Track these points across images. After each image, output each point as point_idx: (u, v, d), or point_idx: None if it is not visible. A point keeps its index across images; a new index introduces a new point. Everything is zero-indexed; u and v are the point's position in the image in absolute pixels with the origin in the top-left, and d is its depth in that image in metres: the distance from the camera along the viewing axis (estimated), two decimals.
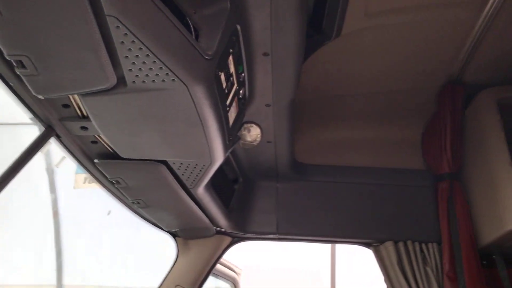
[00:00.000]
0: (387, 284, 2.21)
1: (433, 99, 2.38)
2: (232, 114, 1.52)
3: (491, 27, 1.83)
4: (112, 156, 1.62)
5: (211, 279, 2.56)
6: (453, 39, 1.93)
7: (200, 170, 1.65)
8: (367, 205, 2.40)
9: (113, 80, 1.12)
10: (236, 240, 2.47)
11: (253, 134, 1.98)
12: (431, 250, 2.23)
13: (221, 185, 2.16)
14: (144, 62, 1.07)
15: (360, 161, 2.54)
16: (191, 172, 1.67)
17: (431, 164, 2.38)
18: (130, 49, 1.02)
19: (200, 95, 1.20)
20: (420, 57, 2.06)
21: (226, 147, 1.56)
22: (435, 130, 2.36)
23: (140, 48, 1.02)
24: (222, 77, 1.30)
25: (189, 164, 1.61)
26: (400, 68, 2.15)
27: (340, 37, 1.84)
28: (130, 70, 1.10)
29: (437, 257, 2.22)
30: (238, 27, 1.33)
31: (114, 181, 1.73)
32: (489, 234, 2.02)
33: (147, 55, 1.04)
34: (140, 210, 2.04)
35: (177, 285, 2.27)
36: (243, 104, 1.64)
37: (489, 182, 2.03)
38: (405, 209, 2.37)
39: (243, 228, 2.40)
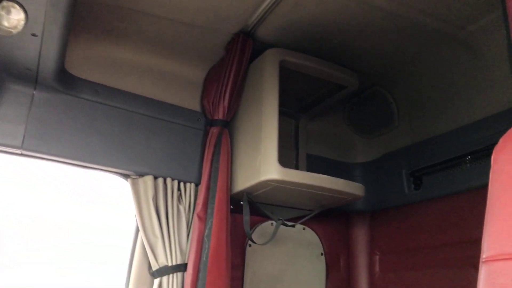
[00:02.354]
0: (137, 218, 2.13)
1: (223, 45, 2.37)
2: None
3: None
4: None
5: None
6: None
7: None
8: (133, 135, 2.25)
9: None
10: None
11: (14, 18, 1.54)
12: (188, 190, 2.26)
13: None
14: None
15: (137, 88, 2.35)
16: None
17: (208, 108, 2.39)
18: None
19: None
20: None
21: None
22: (218, 76, 2.36)
23: None
24: None
25: None
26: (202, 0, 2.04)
27: None
28: None
29: (192, 197, 2.26)
30: None
31: None
32: (244, 182, 2.16)
33: None
34: None
35: None
36: None
37: (255, 134, 2.15)
38: (172, 147, 2.32)
39: None
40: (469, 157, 2.31)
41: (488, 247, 0.77)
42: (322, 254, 2.81)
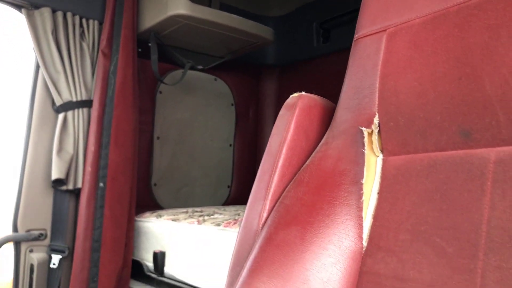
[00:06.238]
0: (36, 53, 2.00)
1: None
2: None
3: None
4: None
5: None
6: None
7: None
8: None
9: None
10: None
11: None
12: (91, 27, 2.13)
13: None
14: None
15: None
16: None
17: None
18: None
19: None
20: None
21: None
22: None
23: None
24: None
25: None
26: None
27: None
28: None
29: (96, 35, 2.14)
30: None
31: None
32: (152, 18, 2.08)
33: None
34: None
35: None
36: None
37: None
38: None
39: None
40: None
41: (361, 26, 0.84)
42: (232, 104, 2.92)
